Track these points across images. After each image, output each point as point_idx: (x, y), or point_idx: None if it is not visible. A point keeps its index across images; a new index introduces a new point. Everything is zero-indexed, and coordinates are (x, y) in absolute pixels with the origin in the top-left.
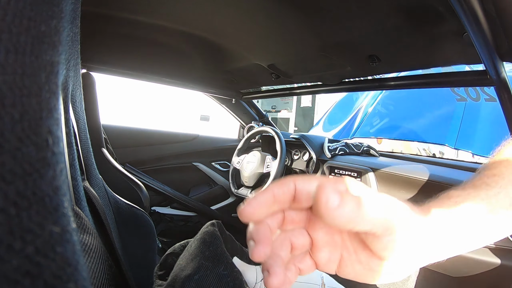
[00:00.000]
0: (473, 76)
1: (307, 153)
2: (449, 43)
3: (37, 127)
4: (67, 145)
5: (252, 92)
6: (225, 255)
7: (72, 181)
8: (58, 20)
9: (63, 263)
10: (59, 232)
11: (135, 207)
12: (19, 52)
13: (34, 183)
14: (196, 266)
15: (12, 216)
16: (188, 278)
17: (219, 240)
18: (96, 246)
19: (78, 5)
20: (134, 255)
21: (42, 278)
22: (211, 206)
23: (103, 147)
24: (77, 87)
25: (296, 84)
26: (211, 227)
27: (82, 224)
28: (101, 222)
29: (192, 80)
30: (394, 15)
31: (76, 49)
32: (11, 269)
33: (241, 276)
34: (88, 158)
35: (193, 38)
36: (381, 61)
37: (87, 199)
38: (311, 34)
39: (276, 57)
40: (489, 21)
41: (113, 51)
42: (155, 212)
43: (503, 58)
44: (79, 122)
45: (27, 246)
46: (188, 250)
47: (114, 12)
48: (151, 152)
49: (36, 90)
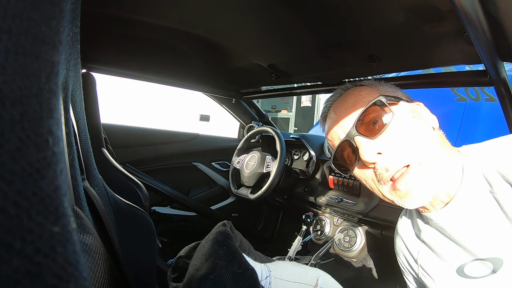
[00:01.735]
0: (473, 76)
1: (307, 153)
2: (449, 43)
3: (37, 127)
4: (67, 145)
5: (252, 92)
6: (238, 254)
7: (72, 181)
8: (58, 20)
9: (63, 263)
10: (59, 232)
11: (135, 207)
12: (19, 52)
13: (34, 183)
14: (211, 266)
15: (12, 216)
16: (204, 278)
17: (231, 239)
18: (96, 246)
19: (78, 5)
20: (134, 255)
21: (42, 278)
22: (211, 206)
23: (103, 147)
24: (77, 87)
25: (296, 84)
26: (222, 227)
27: (82, 224)
28: (101, 222)
29: (192, 80)
30: (394, 15)
31: (76, 49)
32: (11, 269)
33: (255, 274)
34: (88, 158)
35: (193, 38)
36: (381, 61)
37: (87, 199)
38: (311, 34)
39: (276, 57)
40: (489, 21)
41: (113, 51)
42: (155, 212)
43: (503, 58)
44: (79, 122)
45: (27, 246)
46: (201, 251)
47: (114, 12)
48: (151, 152)
49: (36, 90)
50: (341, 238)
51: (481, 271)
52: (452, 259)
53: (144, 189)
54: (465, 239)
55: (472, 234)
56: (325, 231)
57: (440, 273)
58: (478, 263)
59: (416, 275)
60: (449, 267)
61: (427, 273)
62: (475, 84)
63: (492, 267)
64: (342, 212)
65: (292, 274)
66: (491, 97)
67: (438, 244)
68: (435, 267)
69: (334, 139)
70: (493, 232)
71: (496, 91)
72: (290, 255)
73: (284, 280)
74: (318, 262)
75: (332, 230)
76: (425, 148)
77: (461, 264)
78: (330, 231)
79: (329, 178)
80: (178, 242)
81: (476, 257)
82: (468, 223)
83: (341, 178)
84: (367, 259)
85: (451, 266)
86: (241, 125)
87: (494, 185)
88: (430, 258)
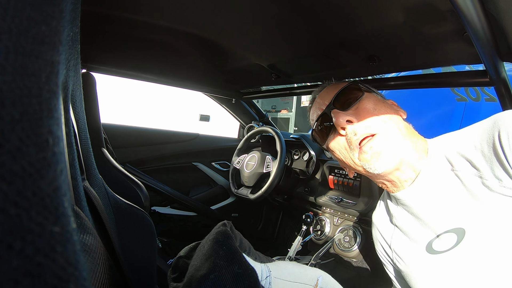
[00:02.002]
0: (473, 76)
1: (307, 153)
2: (449, 43)
3: (37, 127)
4: (67, 145)
5: (252, 92)
6: (238, 254)
7: (72, 181)
8: (58, 20)
9: (63, 263)
10: (59, 232)
11: (135, 207)
12: (19, 52)
13: (34, 183)
14: (212, 266)
15: (12, 216)
16: (204, 278)
17: (231, 239)
18: (96, 246)
19: (78, 5)
20: (134, 255)
21: (42, 278)
22: (211, 206)
23: (103, 147)
24: (77, 87)
25: (296, 84)
26: (223, 227)
27: (82, 224)
28: (101, 222)
29: (192, 80)
30: (394, 15)
31: (76, 49)
32: (11, 269)
33: (255, 274)
34: (88, 158)
35: (193, 38)
36: (381, 61)
37: (87, 199)
38: (311, 34)
39: (276, 57)
40: (489, 21)
41: (113, 51)
42: (155, 212)
43: (503, 58)
44: (79, 122)
45: (27, 246)
46: (201, 251)
47: (114, 12)
48: (151, 152)
49: (36, 90)
50: (341, 238)
51: (447, 244)
52: (421, 238)
53: (144, 189)
54: (430, 215)
55: (437, 209)
56: (325, 231)
57: (411, 254)
58: (444, 236)
59: (392, 261)
60: (419, 246)
61: (400, 257)
62: (475, 84)
63: (456, 238)
64: (342, 212)
65: (292, 274)
66: (491, 97)
67: (408, 225)
68: (406, 249)
69: (315, 114)
70: (455, 205)
71: (496, 91)
72: (290, 255)
73: (284, 280)
74: (318, 262)
75: (332, 230)
76: (390, 124)
77: (429, 240)
78: (330, 231)
79: (329, 178)
80: (178, 242)
81: (442, 231)
82: (432, 199)
83: (341, 178)
84: (367, 259)
85: (421, 244)
86: (241, 125)
87: (455, 163)
88: (402, 241)
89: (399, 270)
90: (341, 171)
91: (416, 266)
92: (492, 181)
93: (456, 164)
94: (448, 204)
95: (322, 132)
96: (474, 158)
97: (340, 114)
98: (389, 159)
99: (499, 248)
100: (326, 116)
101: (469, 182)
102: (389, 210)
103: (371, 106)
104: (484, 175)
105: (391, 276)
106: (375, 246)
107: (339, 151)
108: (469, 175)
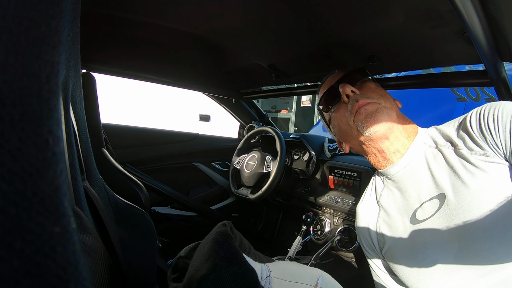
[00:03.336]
0: (473, 76)
1: (307, 153)
2: (449, 43)
3: (37, 127)
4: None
5: (252, 92)
6: (239, 254)
7: (72, 181)
8: (58, 20)
9: (63, 263)
10: (59, 232)
11: (135, 207)
12: (19, 52)
13: (34, 183)
14: (211, 266)
15: (12, 216)
16: (204, 278)
17: (231, 239)
18: (96, 246)
19: (78, 5)
20: (134, 255)
21: (42, 278)
22: (211, 206)
23: (103, 147)
24: (77, 87)
25: (296, 84)
26: (223, 227)
27: (82, 224)
28: (101, 222)
29: (192, 80)
30: (394, 15)
31: (76, 49)
32: (11, 269)
33: (255, 274)
34: (88, 158)
35: (193, 38)
36: (381, 61)
37: (87, 199)
38: (311, 34)
39: (276, 57)
40: (489, 21)
41: (113, 51)
42: (155, 212)
43: (503, 58)
44: (79, 122)
45: (27, 246)
46: (201, 251)
47: (114, 12)
48: (151, 152)
49: (36, 90)
50: (341, 238)
51: (430, 210)
52: (406, 210)
53: (144, 189)
54: (417, 186)
55: (423, 180)
56: (325, 231)
57: (396, 229)
58: (427, 204)
59: (377, 246)
60: (403, 219)
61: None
62: (475, 84)
63: (438, 203)
64: (342, 212)
65: (292, 274)
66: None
67: (394, 200)
68: (391, 225)
69: (325, 88)
70: (438, 175)
71: (496, 91)
72: (290, 255)
73: (284, 280)
74: (318, 262)
75: (332, 230)
76: (386, 100)
77: (414, 210)
78: (330, 231)
79: (329, 178)
80: (178, 242)
81: (427, 198)
82: (419, 172)
83: (341, 178)
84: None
85: (405, 217)
86: (241, 125)
87: (439, 141)
88: (387, 218)
89: (383, 254)
90: (341, 171)
91: (399, 241)
92: (466, 152)
93: (439, 142)
94: (432, 175)
95: (328, 102)
96: (453, 135)
97: (347, 85)
98: (380, 124)
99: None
100: (334, 90)
101: (449, 155)
102: (376, 192)
103: (373, 86)
104: (460, 148)
105: (376, 269)
106: (359, 239)
107: (339, 119)
108: (449, 149)
